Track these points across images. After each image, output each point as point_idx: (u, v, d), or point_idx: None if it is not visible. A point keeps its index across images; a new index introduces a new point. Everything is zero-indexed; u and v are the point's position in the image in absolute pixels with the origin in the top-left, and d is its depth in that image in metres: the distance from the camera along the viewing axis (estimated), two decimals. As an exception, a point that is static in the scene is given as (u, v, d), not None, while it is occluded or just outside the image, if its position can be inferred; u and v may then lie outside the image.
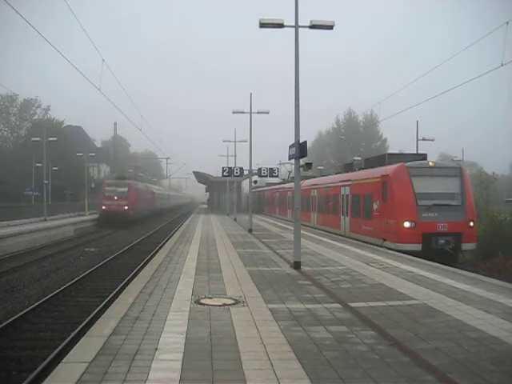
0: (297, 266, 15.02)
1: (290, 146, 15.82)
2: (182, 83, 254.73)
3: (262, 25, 15.72)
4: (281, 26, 15.60)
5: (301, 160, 15.81)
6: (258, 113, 32.66)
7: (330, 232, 30.04)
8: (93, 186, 60.20)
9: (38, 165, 54.65)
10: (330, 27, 15.67)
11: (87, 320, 11.73)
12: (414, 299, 10.58)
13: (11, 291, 15.85)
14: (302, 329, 8.16)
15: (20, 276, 18.38)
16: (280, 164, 63.48)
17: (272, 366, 6.35)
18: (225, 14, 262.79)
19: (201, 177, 75.11)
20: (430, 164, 22.89)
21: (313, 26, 15.51)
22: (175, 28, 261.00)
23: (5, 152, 71.96)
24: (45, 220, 42.25)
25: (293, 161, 16.43)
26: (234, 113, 33.17)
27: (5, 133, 79.08)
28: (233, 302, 10.27)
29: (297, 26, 15.27)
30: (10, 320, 12.07)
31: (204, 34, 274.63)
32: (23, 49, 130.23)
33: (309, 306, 9.92)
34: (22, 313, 12.81)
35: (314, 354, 6.86)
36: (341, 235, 27.85)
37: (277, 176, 37.58)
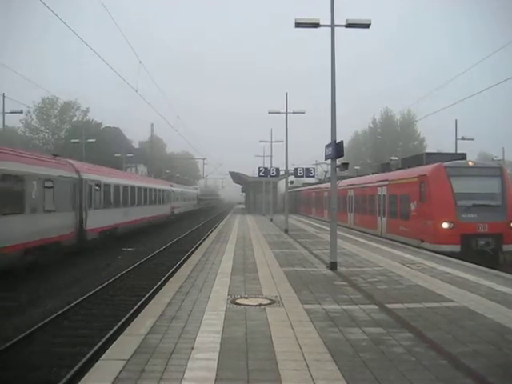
0: (333, 266, 14.93)
1: (327, 146, 15.73)
2: (218, 84, 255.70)
3: (298, 24, 15.69)
4: (316, 25, 15.53)
5: (337, 160, 15.71)
6: (294, 113, 32.62)
7: (366, 232, 29.76)
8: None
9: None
10: (367, 26, 15.54)
11: (125, 318, 11.89)
12: (452, 301, 10.39)
13: (53, 290, 16.18)
14: (338, 330, 8.11)
15: (61, 275, 18.76)
16: (316, 164, 63.15)
17: (308, 366, 6.34)
18: (257, 15, 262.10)
19: (237, 177, 75.37)
20: (469, 164, 22.47)
21: (349, 25, 15.41)
22: (208, 28, 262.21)
23: (46, 152, 73.45)
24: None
25: (329, 161, 16.34)
26: (269, 113, 33.19)
27: (46, 134, 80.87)
28: (268, 302, 10.28)
29: (333, 26, 15.18)
30: (51, 317, 12.36)
31: (238, 35, 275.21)
32: (65, 52, 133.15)
33: (345, 306, 9.86)
34: (63, 310, 13.10)
35: (350, 356, 6.81)
36: (377, 236, 27.56)
37: (313, 176, 37.34)
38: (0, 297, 14.48)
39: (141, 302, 13.75)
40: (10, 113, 39.51)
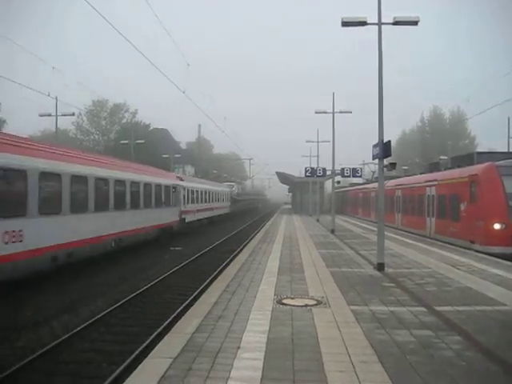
0: (380, 267, 14.75)
1: (374, 146, 15.56)
2: (261, 84, 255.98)
3: (345, 23, 15.59)
4: (363, 23, 15.38)
5: (385, 160, 15.52)
6: (341, 112, 32.34)
7: (414, 233, 29.28)
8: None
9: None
10: (415, 23, 15.29)
11: (172, 317, 12.06)
12: (503, 305, 10.11)
13: (102, 288, 16.55)
14: (385, 332, 8.01)
15: (111, 274, 19.18)
16: (363, 164, 62.60)
17: (354, 368, 6.28)
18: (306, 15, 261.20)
19: (283, 177, 75.36)
20: (522, 163, 21.76)
21: (396, 23, 15.19)
22: (256, 28, 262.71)
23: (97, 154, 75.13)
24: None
25: (376, 161, 16.15)
26: (316, 113, 33.05)
27: (96, 136, 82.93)
28: (315, 302, 10.25)
29: (380, 24, 14.98)
30: (101, 315, 12.67)
31: (285, 35, 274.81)
32: (109, 53, 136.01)
33: (392, 308, 9.73)
34: (112, 308, 13.40)
35: (397, 358, 6.72)
36: (426, 237, 27.08)
37: (360, 176, 37.09)
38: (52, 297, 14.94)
39: (188, 300, 13.92)
40: (62, 115, 40.54)
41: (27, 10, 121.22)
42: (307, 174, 34.43)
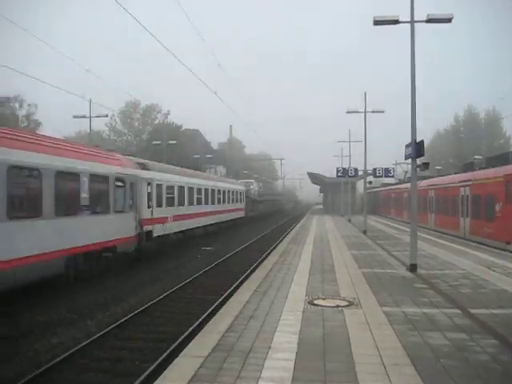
0: (413, 268, 14.58)
1: (406, 146, 15.38)
2: (293, 83, 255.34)
3: (376, 22, 15.44)
4: (396, 22, 15.23)
5: (417, 160, 15.33)
6: (373, 112, 32.08)
7: (448, 234, 28.86)
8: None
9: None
10: (449, 20, 15.04)
11: (204, 316, 12.12)
12: (541, 307, 9.88)
13: (136, 287, 16.74)
14: (417, 334, 7.91)
15: (144, 273, 19.39)
16: (396, 164, 61.91)
17: (386, 370, 6.22)
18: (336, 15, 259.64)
19: (315, 177, 75.13)
20: (560, 162, 21.26)
21: (430, 20, 14.98)
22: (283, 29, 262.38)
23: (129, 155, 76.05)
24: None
25: (409, 161, 15.96)
26: (348, 113, 32.85)
27: (129, 137, 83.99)
28: (346, 303, 10.19)
29: (412, 22, 14.81)
30: (133, 313, 12.81)
31: (317, 35, 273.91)
32: (142, 55, 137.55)
33: (425, 310, 9.60)
34: (144, 307, 13.54)
35: (430, 361, 6.62)
36: (460, 237, 26.67)
37: (392, 176, 36.69)
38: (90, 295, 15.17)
39: (219, 300, 13.97)
40: (96, 117, 41.16)
41: (60, 13, 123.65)
42: (339, 174, 34.22)
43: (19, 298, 13.20)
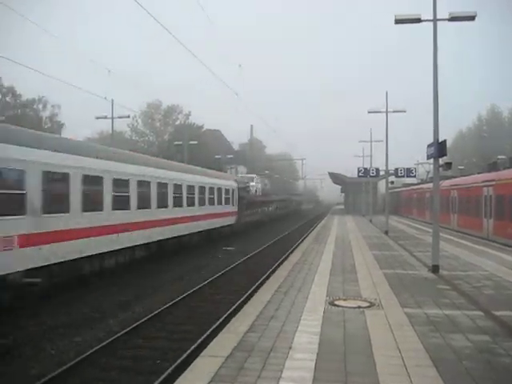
0: (435, 269, 14.45)
1: (429, 146, 15.24)
2: (318, 84, 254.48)
3: (398, 21, 15.33)
4: (418, 20, 15.10)
5: (440, 159, 15.19)
6: (394, 111, 31.87)
7: (471, 235, 28.53)
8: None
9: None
10: (472, 18, 14.89)
11: (224, 316, 12.16)
12: None
13: (158, 287, 16.87)
14: (439, 335, 7.84)
15: (166, 272, 19.51)
16: (418, 164, 61.37)
17: (407, 372, 6.18)
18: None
19: (336, 178, 74.86)
20: None
21: (452, 19, 14.85)
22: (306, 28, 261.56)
23: (150, 155, 76.66)
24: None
25: (431, 160, 15.82)
26: (369, 112, 32.70)
27: (151, 138, 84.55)
28: (368, 304, 10.14)
29: (435, 20, 14.68)
30: (155, 312, 12.91)
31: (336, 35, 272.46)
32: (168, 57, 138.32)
33: (447, 311, 9.51)
34: (165, 306, 13.63)
35: (452, 363, 6.56)
36: (483, 238, 26.33)
37: (414, 176, 36.39)
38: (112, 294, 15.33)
39: (240, 300, 13.99)
40: (118, 117, 41.44)
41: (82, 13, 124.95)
42: (360, 174, 34.06)
43: (42, 298, 13.39)
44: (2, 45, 75.32)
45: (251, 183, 48.19)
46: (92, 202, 16.01)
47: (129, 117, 47.40)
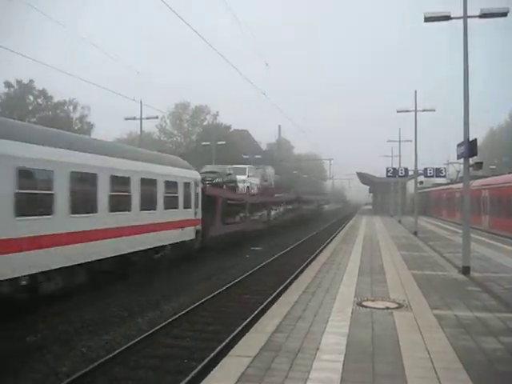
0: (465, 270, 14.22)
1: (459, 145, 15.01)
2: (344, 83, 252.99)
3: (427, 19, 15.15)
4: (447, 18, 14.90)
5: (470, 159, 14.95)
6: (424, 111, 31.52)
7: (503, 236, 28.00)
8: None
9: (208, 167, 57.54)
10: (504, 14, 14.60)
11: (252, 316, 12.16)
12: None
13: (185, 286, 16.96)
14: (470, 338, 7.70)
15: (193, 272, 19.63)
16: (447, 164, 60.57)
17: (437, 374, 6.08)
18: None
19: (364, 178, 74.32)
20: None
21: (483, 15, 14.58)
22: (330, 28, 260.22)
23: (178, 155, 77.23)
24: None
25: (461, 160, 15.56)
26: (398, 112, 32.43)
27: (179, 138, 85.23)
28: (396, 305, 10.03)
29: (465, 17, 14.44)
30: (183, 312, 12.98)
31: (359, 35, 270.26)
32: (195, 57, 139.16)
33: (478, 314, 9.34)
34: (193, 306, 13.69)
35: (483, 366, 6.43)
36: (516, 239, 25.82)
37: (444, 176, 35.86)
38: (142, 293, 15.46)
39: (267, 300, 13.98)
40: (147, 118, 41.79)
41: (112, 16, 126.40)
42: (388, 174, 33.74)
43: (72, 297, 13.57)
44: (33, 47, 76.88)
45: (241, 177, 32.49)
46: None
47: (157, 117, 47.80)
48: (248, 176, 34.66)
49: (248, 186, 34.12)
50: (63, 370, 9.19)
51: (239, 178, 32.03)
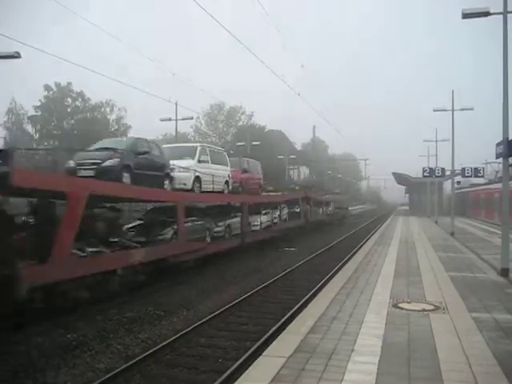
0: (504, 273, 13.91)
1: (497, 144, 14.70)
2: (383, 83, 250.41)
3: (465, 15, 14.90)
4: (486, 14, 14.63)
5: (510, 159, 14.62)
6: (462, 110, 30.98)
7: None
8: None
9: (243, 168, 57.61)
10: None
11: (286, 317, 12.12)
12: None
13: (218, 287, 17.04)
14: (510, 342, 7.53)
15: (228, 273, 19.71)
16: (486, 163, 59.35)
17: (475, 379, 5.96)
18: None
19: (400, 178, 73.44)
20: None
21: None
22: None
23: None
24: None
25: (500, 159, 15.24)
26: (434, 111, 31.95)
27: (214, 139, 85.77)
28: (433, 307, 9.88)
29: (505, 12, 14.16)
30: (218, 312, 13.05)
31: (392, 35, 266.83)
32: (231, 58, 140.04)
33: (519, 317, 9.13)
34: (228, 306, 13.75)
35: (525, 372, 6.28)
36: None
37: (482, 176, 35.22)
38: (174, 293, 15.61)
39: (302, 301, 13.91)
40: (182, 119, 42.11)
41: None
42: (425, 174, 33.30)
43: (108, 296, 13.79)
44: (71, 50, 78.41)
45: (182, 162, 19.71)
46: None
47: (192, 118, 48.17)
48: (199, 161, 20.58)
49: (198, 178, 19.95)
50: (100, 366, 9.36)
51: (179, 163, 19.25)
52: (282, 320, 11.85)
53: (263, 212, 29.24)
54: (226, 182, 22.93)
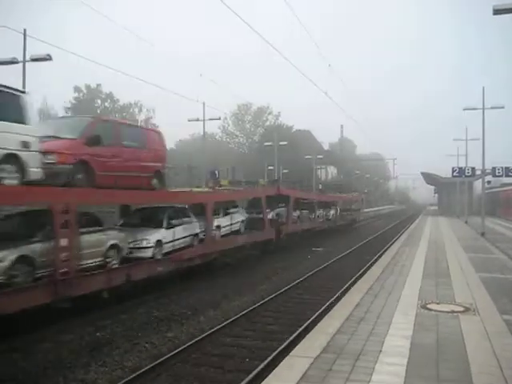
0: (537, 274, 13.64)
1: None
2: (404, 79, 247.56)
3: (497, 11, 14.67)
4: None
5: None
6: (492, 108, 30.46)
7: None
8: (320, 187, 61.19)
9: (270, 168, 57.80)
10: None
11: (314, 317, 12.08)
12: None
13: (246, 287, 17.06)
14: (542, 344, 7.36)
15: (254, 273, 19.73)
16: (518, 162, 58.29)
17: (506, 383, 5.83)
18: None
19: (429, 177, 72.73)
20: None
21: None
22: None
23: (241, 156, 78.12)
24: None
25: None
26: (464, 110, 31.50)
27: (241, 139, 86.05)
28: (462, 309, 9.72)
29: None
30: (244, 312, 13.07)
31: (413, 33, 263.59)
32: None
33: (552, 320, 8.92)
34: (254, 306, 13.76)
35: (558, 375, 6.13)
36: None
37: (514, 176, 34.54)
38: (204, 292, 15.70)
39: (329, 301, 13.87)
40: (210, 120, 42.24)
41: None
42: (454, 174, 32.82)
43: (136, 295, 13.94)
44: (101, 52, 79.41)
45: None
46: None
47: (219, 119, 48.27)
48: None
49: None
50: (128, 364, 9.46)
51: None
52: (310, 319, 11.80)
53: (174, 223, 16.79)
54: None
